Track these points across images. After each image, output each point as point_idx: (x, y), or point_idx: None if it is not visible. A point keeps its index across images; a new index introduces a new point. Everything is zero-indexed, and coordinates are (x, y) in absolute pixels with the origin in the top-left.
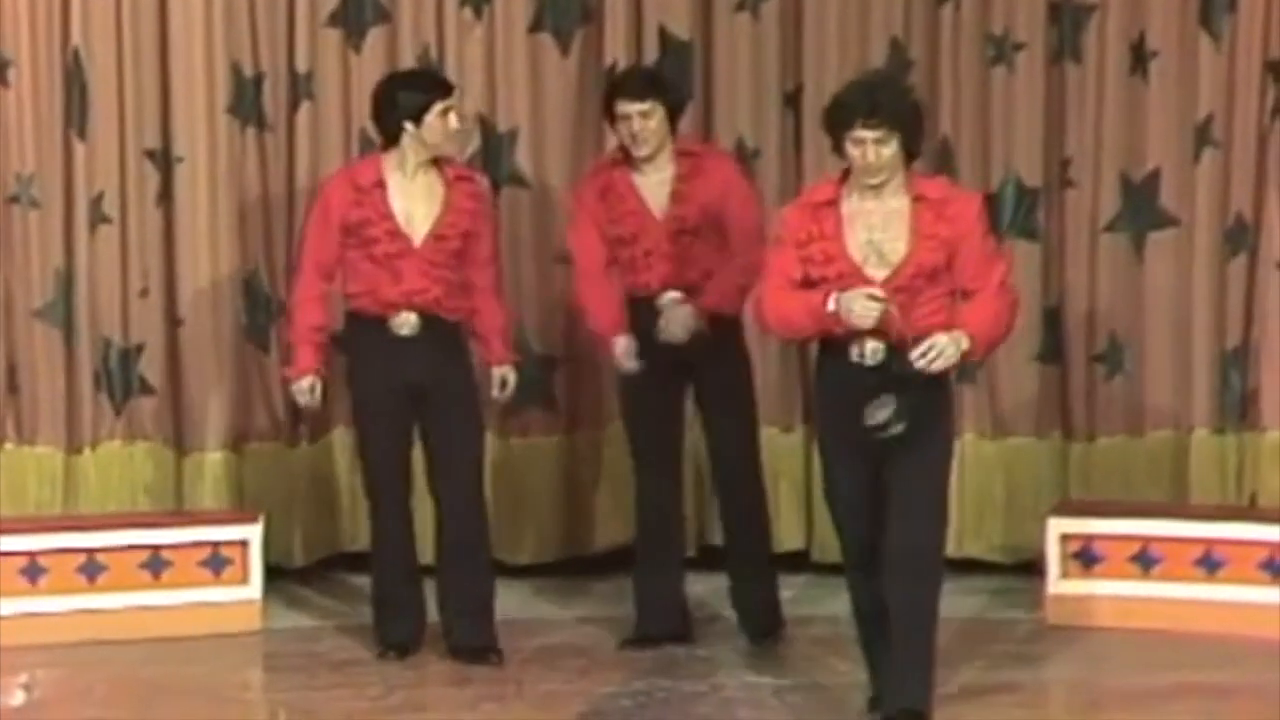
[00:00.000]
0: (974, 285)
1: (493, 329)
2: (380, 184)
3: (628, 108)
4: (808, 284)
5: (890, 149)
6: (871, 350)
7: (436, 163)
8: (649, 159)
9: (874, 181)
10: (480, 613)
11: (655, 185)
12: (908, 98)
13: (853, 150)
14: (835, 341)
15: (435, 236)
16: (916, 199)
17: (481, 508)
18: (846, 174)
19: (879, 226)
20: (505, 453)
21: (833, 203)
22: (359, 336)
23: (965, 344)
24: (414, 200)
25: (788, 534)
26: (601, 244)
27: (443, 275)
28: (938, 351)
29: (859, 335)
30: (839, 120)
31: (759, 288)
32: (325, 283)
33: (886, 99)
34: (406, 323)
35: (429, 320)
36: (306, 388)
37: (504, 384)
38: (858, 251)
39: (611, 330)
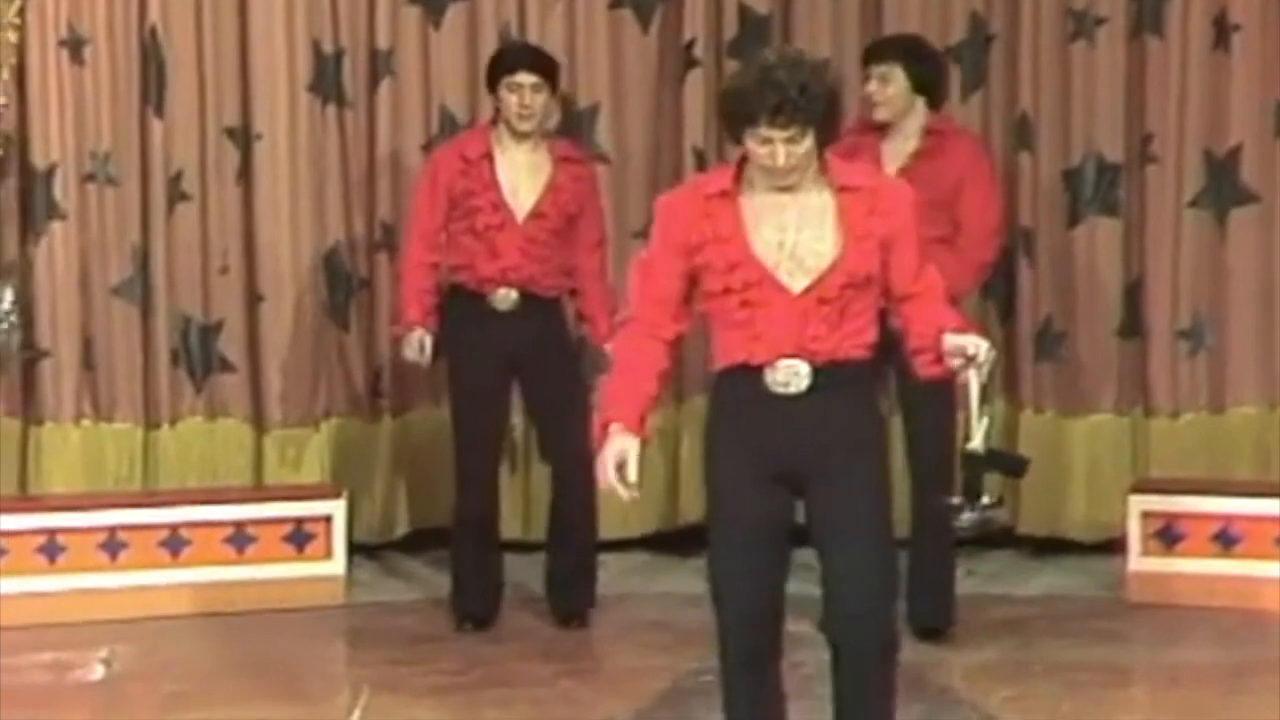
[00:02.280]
0: (916, 287)
1: (599, 311)
2: (488, 156)
3: (867, 70)
4: (689, 297)
5: (804, 146)
6: (791, 374)
7: (544, 140)
8: (893, 127)
9: (783, 184)
10: (579, 579)
11: (892, 155)
12: (822, 85)
13: (757, 149)
14: (743, 365)
15: (536, 214)
16: (842, 189)
17: (590, 474)
18: (745, 160)
19: (794, 225)
20: None
21: (727, 194)
22: (459, 308)
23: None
24: (520, 175)
25: None
26: None
27: (541, 254)
28: (977, 347)
29: (774, 357)
30: (737, 114)
31: (624, 310)
32: (433, 253)
33: (797, 90)
34: (506, 299)
35: (527, 296)
36: (415, 341)
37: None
38: (768, 255)
39: None
